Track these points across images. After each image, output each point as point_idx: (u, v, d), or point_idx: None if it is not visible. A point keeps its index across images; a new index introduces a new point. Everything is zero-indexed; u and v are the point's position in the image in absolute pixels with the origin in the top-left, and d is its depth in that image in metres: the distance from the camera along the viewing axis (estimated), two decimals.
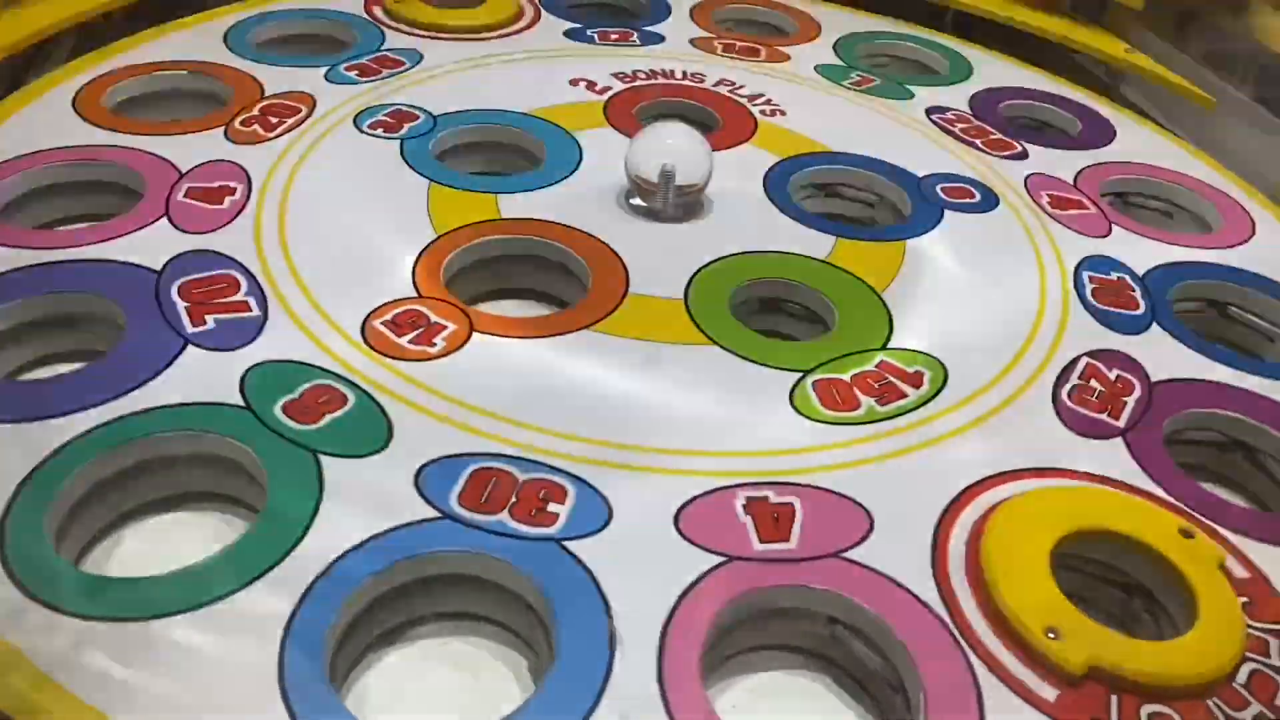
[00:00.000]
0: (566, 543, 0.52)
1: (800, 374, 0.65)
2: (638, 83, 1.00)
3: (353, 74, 0.96)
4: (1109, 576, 0.56)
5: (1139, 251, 0.82)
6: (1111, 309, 0.75)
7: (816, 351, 0.68)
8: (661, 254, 0.76)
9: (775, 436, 0.61)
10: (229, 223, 0.73)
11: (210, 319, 0.64)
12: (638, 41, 1.10)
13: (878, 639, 0.50)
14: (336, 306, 0.67)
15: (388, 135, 0.87)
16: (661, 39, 1.11)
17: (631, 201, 0.81)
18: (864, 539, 0.54)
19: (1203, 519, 0.58)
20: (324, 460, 0.55)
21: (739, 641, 0.52)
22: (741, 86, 1.02)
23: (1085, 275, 0.78)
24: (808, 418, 0.62)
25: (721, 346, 0.67)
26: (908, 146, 0.94)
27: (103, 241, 0.70)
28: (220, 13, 1.04)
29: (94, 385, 0.58)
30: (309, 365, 0.62)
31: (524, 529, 0.52)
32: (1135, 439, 0.63)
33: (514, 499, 0.54)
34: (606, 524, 0.54)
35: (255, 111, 0.88)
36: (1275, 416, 0.66)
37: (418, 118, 0.90)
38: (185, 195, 0.76)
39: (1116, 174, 0.94)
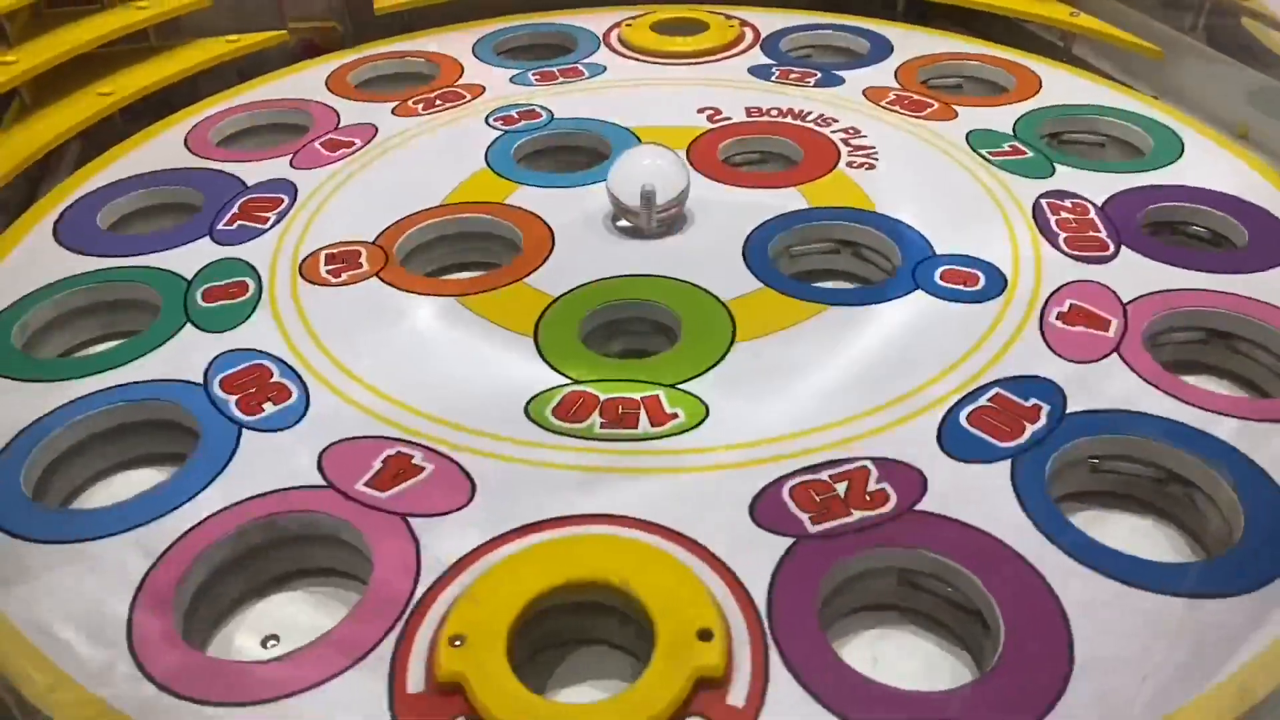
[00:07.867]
0: (246, 430, 0.65)
1: (570, 382, 0.68)
2: (762, 118, 1.02)
3: (533, 78, 1.14)
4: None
5: (1105, 389, 0.66)
6: (978, 431, 0.63)
7: (606, 369, 0.70)
8: (590, 260, 0.81)
9: (478, 416, 0.65)
10: (324, 165, 0.96)
11: (237, 224, 0.87)
12: (812, 84, 1.10)
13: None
14: (315, 235, 0.85)
15: (501, 127, 1.02)
16: (841, 82, 1.10)
17: (618, 224, 0.86)
18: (442, 515, 0.58)
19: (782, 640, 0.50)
20: (186, 328, 0.75)
21: (300, 560, 0.60)
22: (861, 136, 0.98)
23: (995, 390, 0.66)
24: (528, 415, 0.66)
25: (535, 342, 0.72)
26: (966, 222, 0.84)
27: (246, 161, 0.97)
28: (490, 22, 1.29)
29: (135, 244, 0.85)
30: (249, 265, 0.81)
31: (237, 414, 0.66)
32: (812, 543, 0.55)
33: (252, 390, 0.68)
34: (282, 429, 0.65)
35: (430, 95, 1.10)
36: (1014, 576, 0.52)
37: (540, 117, 1.04)
38: (319, 143, 1.00)
39: (1232, 308, 0.73)
